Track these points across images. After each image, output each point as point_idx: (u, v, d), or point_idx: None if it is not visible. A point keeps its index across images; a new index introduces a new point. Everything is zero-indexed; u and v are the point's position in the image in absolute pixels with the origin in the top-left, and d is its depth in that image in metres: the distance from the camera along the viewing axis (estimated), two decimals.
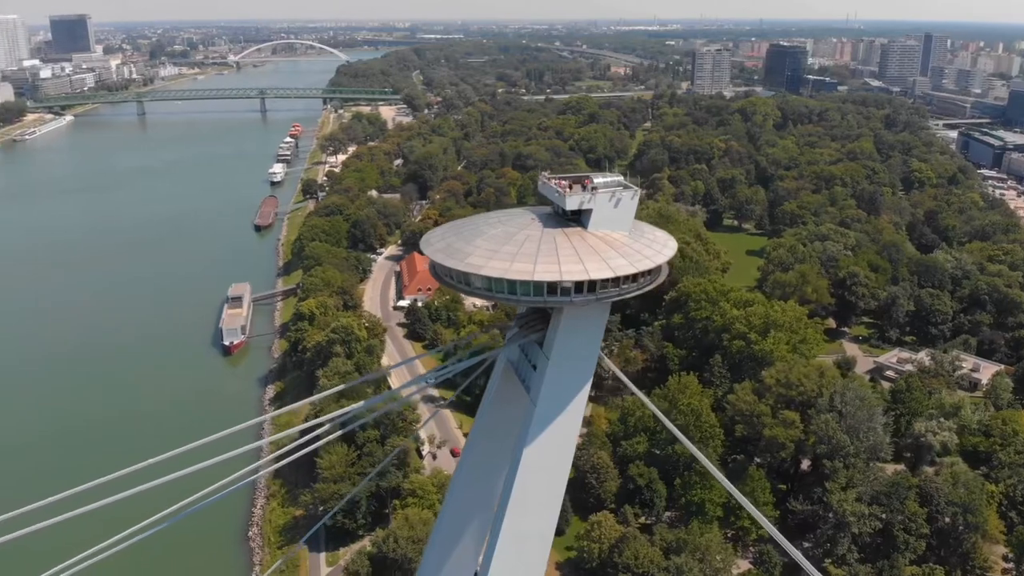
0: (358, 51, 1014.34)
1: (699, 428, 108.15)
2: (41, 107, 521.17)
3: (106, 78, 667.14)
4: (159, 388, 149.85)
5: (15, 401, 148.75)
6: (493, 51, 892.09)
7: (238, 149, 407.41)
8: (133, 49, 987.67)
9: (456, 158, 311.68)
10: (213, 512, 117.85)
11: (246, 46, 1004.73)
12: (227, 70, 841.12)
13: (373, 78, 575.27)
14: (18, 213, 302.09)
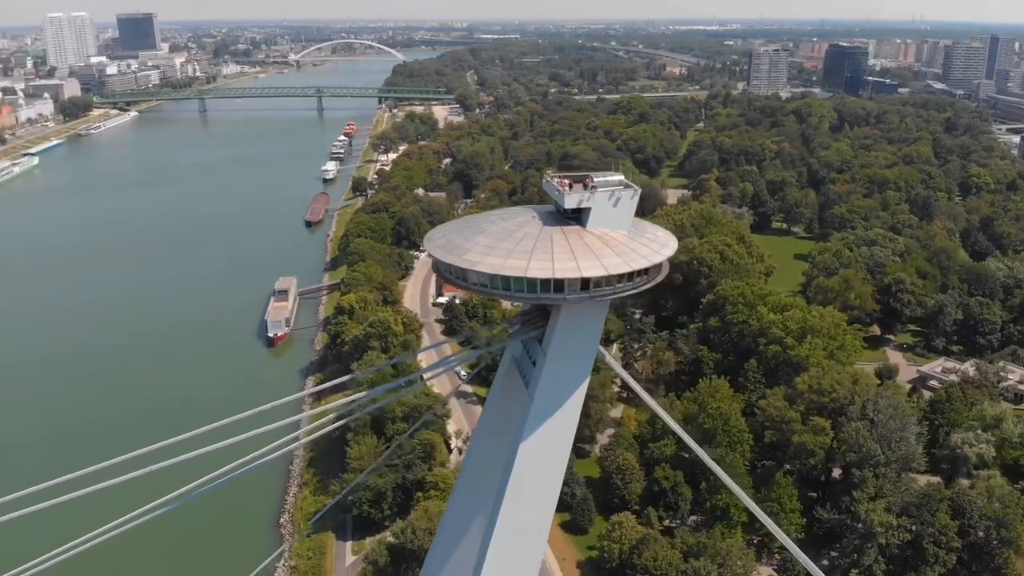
0: (415, 51, 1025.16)
1: (727, 433, 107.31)
2: (107, 103, 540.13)
3: (170, 75, 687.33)
4: (203, 374, 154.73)
5: (73, 381, 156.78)
6: (548, 51, 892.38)
7: (294, 146, 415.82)
8: (198, 47, 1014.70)
9: (504, 157, 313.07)
10: (247, 498, 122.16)
11: (307, 45, 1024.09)
12: (287, 69, 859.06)
13: (427, 78, 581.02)
14: (82, 206, 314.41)
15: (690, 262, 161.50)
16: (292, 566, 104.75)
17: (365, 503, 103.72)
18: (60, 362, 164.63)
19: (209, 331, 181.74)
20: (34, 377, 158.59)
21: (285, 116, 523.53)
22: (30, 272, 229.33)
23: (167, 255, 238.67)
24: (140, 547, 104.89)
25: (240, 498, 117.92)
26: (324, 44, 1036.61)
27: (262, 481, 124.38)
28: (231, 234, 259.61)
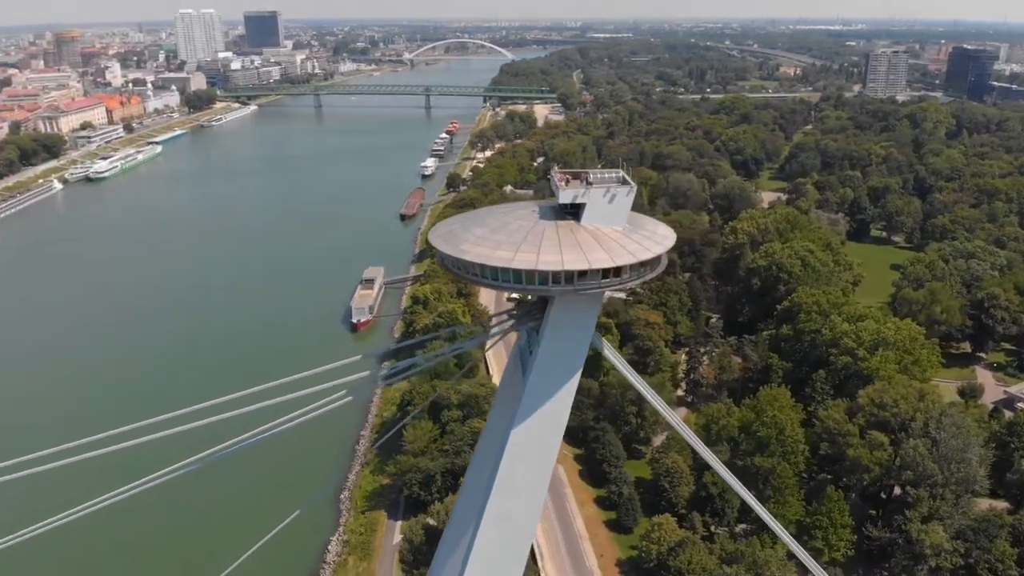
0: (527, 50, 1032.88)
1: (781, 442, 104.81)
2: (229, 96, 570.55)
3: (291, 72, 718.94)
4: (286, 351, 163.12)
5: (166, 357, 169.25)
6: (659, 50, 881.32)
7: (399, 142, 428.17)
8: (320, 45, 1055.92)
9: (597, 156, 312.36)
10: (313, 475, 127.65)
11: (422, 44, 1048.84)
12: (401, 67, 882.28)
13: (532, 77, 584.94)
14: (196, 191, 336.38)
15: (769, 267, 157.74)
16: (344, 540, 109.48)
17: (415, 484, 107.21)
18: (157, 329, 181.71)
19: (300, 312, 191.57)
20: (134, 334, 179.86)
21: (394, 113, 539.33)
22: (142, 252, 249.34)
23: (271, 239, 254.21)
24: (213, 504, 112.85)
25: (305, 475, 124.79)
26: (438, 43, 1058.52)
27: (330, 459, 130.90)
28: (331, 223, 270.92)
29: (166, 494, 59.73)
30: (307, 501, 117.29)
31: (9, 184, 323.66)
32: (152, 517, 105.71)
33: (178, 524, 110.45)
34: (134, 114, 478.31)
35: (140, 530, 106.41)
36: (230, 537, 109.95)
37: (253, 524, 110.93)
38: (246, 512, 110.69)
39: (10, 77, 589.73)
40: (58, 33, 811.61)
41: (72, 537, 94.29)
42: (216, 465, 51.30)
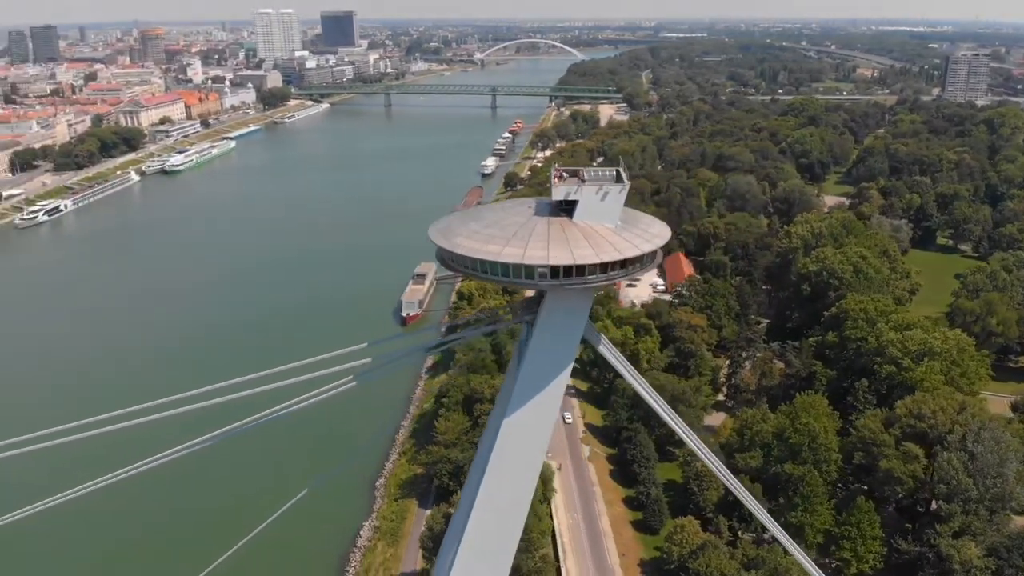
0: (598, 50, 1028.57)
1: (813, 450, 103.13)
2: (303, 94, 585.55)
3: (364, 71, 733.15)
4: (335, 340, 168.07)
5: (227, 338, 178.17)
6: (732, 50, 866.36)
7: (463, 141, 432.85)
8: (394, 45, 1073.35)
9: (657, 157, 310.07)
10: (353, 463, 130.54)
11: (493, 44, 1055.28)
12: (471, 67, 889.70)
13: (600, 76, 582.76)
14: (264, 185, 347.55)
15: (820, 273, 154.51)
16: (376, 526, 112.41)
17: (444, 475, 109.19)
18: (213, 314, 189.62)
19: (352, 304, 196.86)
20: (191, 312, 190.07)
21: (460, 112, 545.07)
22: (209, 239, 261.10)
23: (332, 232, 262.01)
24: (258, 484, 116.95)
25: (349, 462, 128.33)
26: (509, 43, 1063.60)
27: (371, 447, 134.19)
28: (390, 219, 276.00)
29: (184, 468, 63.05)
30: (324, 481, 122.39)
31: (89, 175, 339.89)
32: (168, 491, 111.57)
33: (201, 497, 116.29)
34: (211, 110, 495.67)
35: (172, 496, 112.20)
36: (246, 514, 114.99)
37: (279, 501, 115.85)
38: (275, 490, 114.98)
39: (96, 72, 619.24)
40: (144, 30, 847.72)
41: (119, 499, 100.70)
42: (245, 441, 54.29)
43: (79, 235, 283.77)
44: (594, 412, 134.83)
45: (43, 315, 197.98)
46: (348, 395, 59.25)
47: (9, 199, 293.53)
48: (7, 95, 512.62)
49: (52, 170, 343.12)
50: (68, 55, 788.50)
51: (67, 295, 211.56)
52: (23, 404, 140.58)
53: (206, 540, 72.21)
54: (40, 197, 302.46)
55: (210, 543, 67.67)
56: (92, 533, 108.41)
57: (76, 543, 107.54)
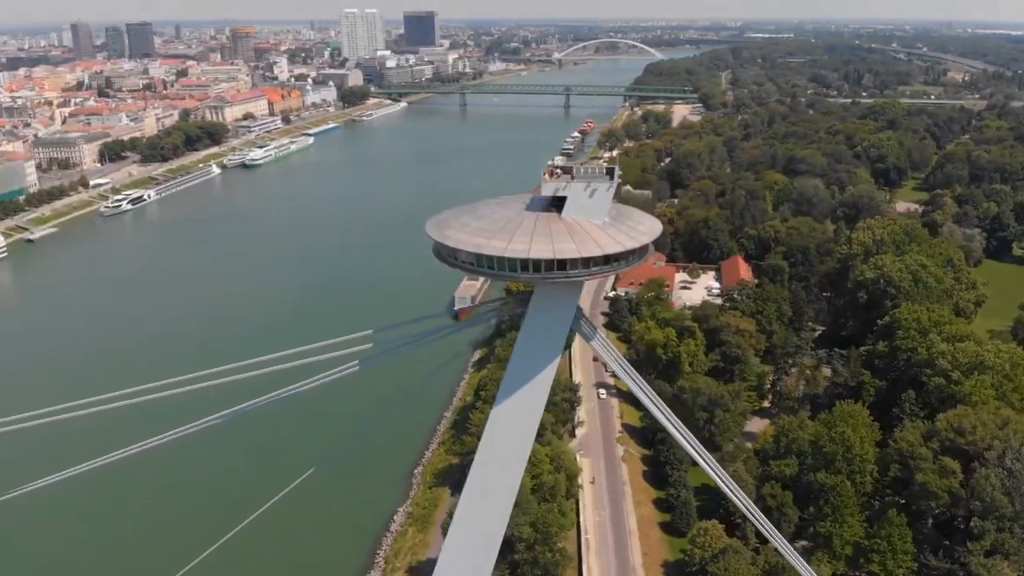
0: (679, 50, 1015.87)
1: (848, 460, 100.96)
2: (382, 93, 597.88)
3: (442, 70, 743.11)
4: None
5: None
6: (818, 51, 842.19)
7: (532, 140, 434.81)
8: (475, 44, 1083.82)
9: (726, 158, 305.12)
10: (395, 450, 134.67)
11: (573, 44, 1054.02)
12: (549, 67, 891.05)
13: (676, 76, 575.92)
14: (339, 180, 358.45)
15: (877, 280, 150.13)
16: (409, 512, 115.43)
17: None
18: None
19: (408, 297, 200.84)
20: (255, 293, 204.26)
21: (534, 112, 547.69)
22: (280, 228, 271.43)
23: (397, 226, 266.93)
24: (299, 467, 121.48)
25: (387, 449, 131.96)
26: (589, 43, 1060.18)
27: (412, 437, 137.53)
28: None
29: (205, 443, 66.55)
30: (387, 479, 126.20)
31: (173, 166, 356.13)
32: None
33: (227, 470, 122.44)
34: (293, 107, 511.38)
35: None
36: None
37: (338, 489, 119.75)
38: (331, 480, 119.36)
39: (187, 68, 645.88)
40: (235, 28, 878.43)
41: (164, 462, 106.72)
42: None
43: (159, 222, 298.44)
44: (632, 413, 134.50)
45: (118, 294, 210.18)
46: (394, 385, 62.87)
47: (96, 188, 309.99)
48: (101, 89, 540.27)
49: (139, 161, 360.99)
50: (163, 52, 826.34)
51: (138, 277, 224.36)
52: (97, 369, 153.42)
53: (232, 509, 76.32)
54: (126, 187, 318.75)
55: (232, 514, 71.20)
56: (134, 495, 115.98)
57: (112, 505, 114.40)
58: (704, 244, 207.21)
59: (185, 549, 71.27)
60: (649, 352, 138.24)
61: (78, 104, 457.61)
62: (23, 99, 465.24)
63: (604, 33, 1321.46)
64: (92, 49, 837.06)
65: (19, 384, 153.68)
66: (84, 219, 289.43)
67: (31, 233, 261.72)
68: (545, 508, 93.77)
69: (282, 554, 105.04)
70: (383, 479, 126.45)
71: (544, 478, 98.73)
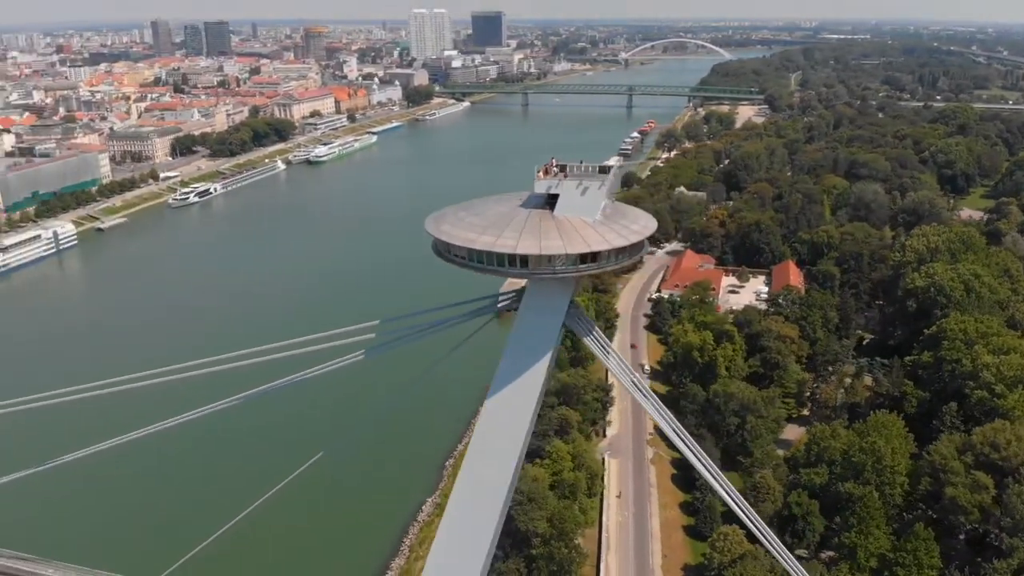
0: (750, 50, 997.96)
1: (877, 471, 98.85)
2: (446, 93, 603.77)
3: (507, 70, 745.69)
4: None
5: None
6: (893, 53, 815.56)
7: (591, 140, 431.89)
8: (542, 45, 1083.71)
9: (786, 161, 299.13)
10: (429, 442, 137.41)
11: (640, 44, 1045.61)
12: (615, 67, 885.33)
13: (743, 77, 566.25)
14: (399, 177, 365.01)
15: (927, 289, 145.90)
16: (437, 503, 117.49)
17: None
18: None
19: (457, 292, 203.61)
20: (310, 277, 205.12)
21: (596, 112, 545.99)
22: (340, 220, 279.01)
23: None
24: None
25: (425, 443, 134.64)
26: (657, 43, 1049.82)
27: (447, 430, 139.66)
28: None
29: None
30: (418, 469, 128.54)
31: (240, 161, 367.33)
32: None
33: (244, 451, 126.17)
34: (359, 105, 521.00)
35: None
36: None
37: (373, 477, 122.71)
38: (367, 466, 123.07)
39: (260, 66, 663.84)
40: (307, 28, 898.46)
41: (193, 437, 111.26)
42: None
43: (223, 215, 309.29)
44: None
45: (173, 280, 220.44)
46: (434, 378, 64.46)
47: (165, 180, 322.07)
48: (177, 85, 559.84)
49: (208, 156, 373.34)
50: (238, 50, 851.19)
51: (196, 265, 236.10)
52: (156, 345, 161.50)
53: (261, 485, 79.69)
54: (194, 180, 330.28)
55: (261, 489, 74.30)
56: (168, 468, 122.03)
57: (138, 480, 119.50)
58: (755, 248, 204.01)
59: (213, 519, 74.33)
60: (685, 355, 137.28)
61: (154, 99, 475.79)
62: (102, 93, 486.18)
63: (674, 33, 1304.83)
64: (171, 46, 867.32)
65: (63, 360, 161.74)
66: (153, 210, 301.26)
67: (101, 222, 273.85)
68: (563, 505, 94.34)
69: (312, 532, 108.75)
70: (415, 470, 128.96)
71: (564, 475, 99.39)
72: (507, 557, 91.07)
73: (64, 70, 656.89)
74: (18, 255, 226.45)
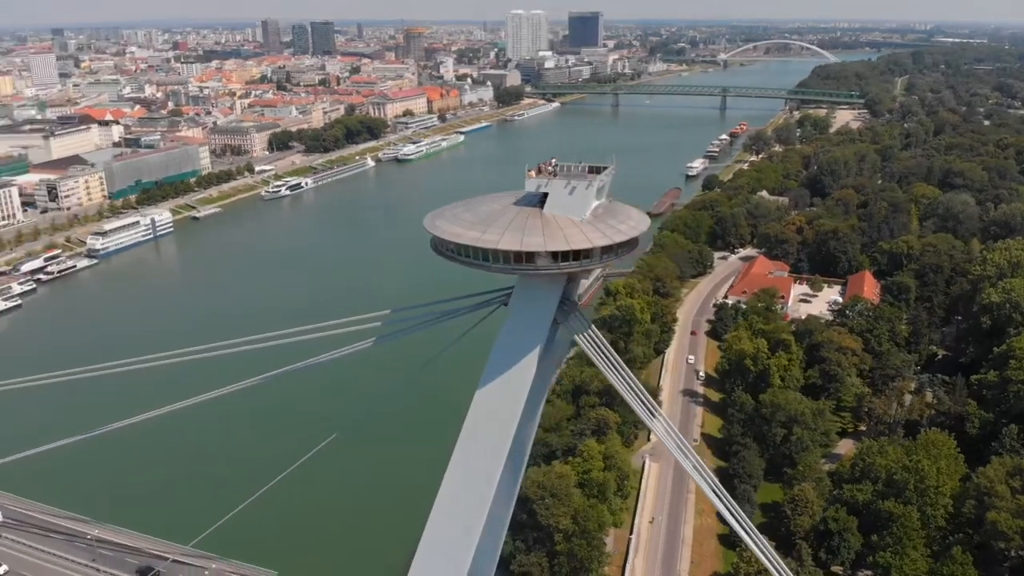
0: (858, 53, 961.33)
1: (920, 491, 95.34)
2: (536, 93, 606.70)
3: (601, 71, 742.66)
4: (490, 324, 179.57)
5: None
6: (1010, 58, 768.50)
7: (679, 141, 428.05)
8: (640, 45, 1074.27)
9: (877, 168, 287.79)
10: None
11: (742, 45, 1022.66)
12: (712, 68, 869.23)
13: (844, 80, 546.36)
14: (480, 175, 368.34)
15: (1002, 305, 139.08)
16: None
17: (539, 457, 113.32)
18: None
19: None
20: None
21: (688, 113, 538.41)
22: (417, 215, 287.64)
23: None
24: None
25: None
26: (759, 44, 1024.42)
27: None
28: None
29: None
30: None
31: (332, 157, 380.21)
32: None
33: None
34: (450, 105, 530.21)
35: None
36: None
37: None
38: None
39: (360, 66, 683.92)
40: (408, 28, 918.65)
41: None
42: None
43: (311, 208, 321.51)
44: (714, 423, 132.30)
45: (256, 266, 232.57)
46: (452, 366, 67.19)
47: (260, 174, 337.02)
48: (280, 82, 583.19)
49: (303, 151, 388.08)
50: (342, 49, 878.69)
51: (279, 253, 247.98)
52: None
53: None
54: (287, 174, 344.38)
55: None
56: (202, 439, 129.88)
57: (177, 449, 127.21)
58: (832, 256, 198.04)
59: (239, 490, 78.85)
60: (738, 362, 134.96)
61: (257, 96, 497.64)
62: (209, 89, 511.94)
63: (779, 34, 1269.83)
64: (280, 45, 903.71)
65: (145, 333, 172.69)
66: (246, 201, 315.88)
67: (197, 211, 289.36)
68: (589, 503, 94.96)
69: (334, 505, 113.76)
70: (431, 448, 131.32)
71: (593, 475, 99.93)
72: (529, 550, 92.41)
73: (178, 66, 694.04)
74: (117, 239, 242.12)
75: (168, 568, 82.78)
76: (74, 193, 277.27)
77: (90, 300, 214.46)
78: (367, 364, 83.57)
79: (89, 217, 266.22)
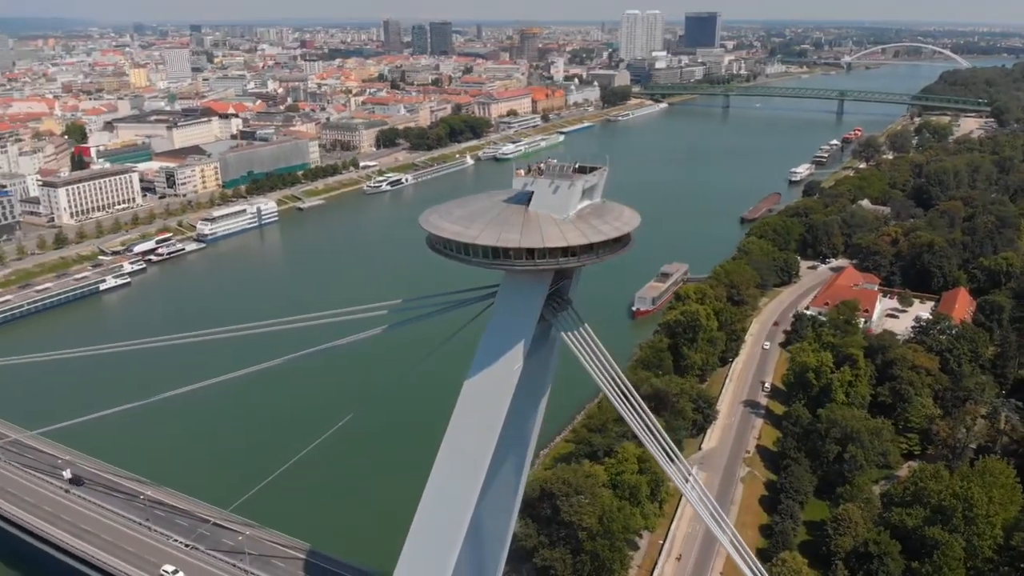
0: (994, 58, 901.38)
1: (968, 519, 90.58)
2: (644, 94, 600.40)
3: (714, 72, 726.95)
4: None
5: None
6: None
7: (789, 145, 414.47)
8: (761, 46, 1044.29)
9: (990, 180, 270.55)
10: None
11: (869, 48, 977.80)
12: (835, 71, 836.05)
13: (972, 87, 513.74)
14: None
15: None
16: None
17: (582, 455, 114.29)
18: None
19: (601, 293, 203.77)
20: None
21: (801, 117, 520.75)
22: None
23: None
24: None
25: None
26: (888, 46, 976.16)
27: (548, 424, 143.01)
28: (669, 216, 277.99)
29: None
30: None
31: (434, 155, 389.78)
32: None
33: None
34: (555, 106, 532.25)
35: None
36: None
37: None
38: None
39: (472, 66, 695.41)
40: (522, 29, 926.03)
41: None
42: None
43: (411, 202, 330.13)
44: (771, 435, 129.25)
45: (350, 255, 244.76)
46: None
47: (365, 169, 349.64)
48: (395, 81, 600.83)
49: (407, 149, 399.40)
50: (460, 50, 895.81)
51: (374, 243, 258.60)
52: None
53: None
54: (390, 170, 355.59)
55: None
56: (235, 413, 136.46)
57: (214, 420, 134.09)
58: (926, 271, 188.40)
59: (268, 461, 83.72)
60: (801, 375, 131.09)
61: (371, 94, 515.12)
62: (327, 86, 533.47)
63: (912, 37, 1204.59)
64: (400, 45, 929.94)
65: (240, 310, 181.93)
66: (349, 195, 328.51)
67: (302, 202, 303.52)
68: (617, 505, 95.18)
69: (352, 475, 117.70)
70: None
71: (625, 477, 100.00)
72: (554, 545, 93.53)
73: (303, 64, 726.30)
74: (224, 225, 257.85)
75: (210, 530, 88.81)
76: (190, 181, 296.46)
77: (191, 281, 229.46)
78: (383, 348, 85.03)
79: (201, 204, 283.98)
